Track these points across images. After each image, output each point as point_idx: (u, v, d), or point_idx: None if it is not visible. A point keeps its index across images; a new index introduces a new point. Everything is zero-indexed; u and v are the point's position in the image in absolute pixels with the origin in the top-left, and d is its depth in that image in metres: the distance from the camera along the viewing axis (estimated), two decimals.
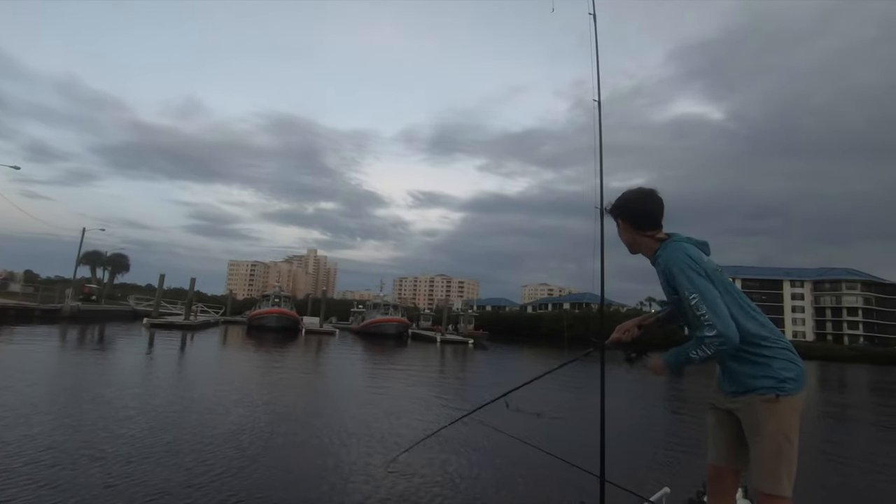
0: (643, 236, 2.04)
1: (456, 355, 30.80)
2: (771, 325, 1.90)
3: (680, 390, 18.54)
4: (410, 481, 5.68)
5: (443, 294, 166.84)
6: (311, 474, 5.64)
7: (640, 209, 2.04)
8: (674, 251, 1.90)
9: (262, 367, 17.38)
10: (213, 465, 5.50)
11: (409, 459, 6.50)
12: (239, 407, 9.08)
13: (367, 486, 5.38)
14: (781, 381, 1.80)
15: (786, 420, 1.79)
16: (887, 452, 9.58)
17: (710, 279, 1.81)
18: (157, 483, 4.81)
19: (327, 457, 6.37)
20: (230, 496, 4.64)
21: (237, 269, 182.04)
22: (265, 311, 47.65)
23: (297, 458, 6.20)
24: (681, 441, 9.26)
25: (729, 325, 1.73)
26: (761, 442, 1.81)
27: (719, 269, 1.93)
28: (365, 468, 6.00)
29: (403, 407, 10.75)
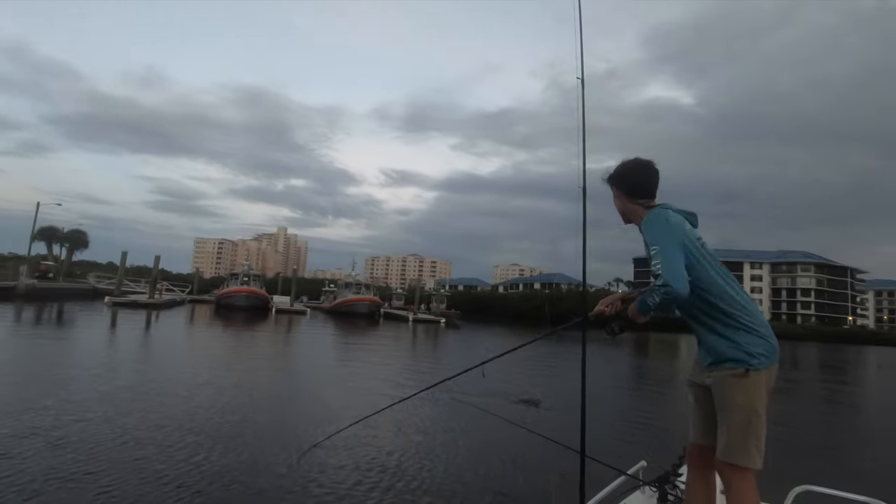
0: (634, 204, 2.08)
1: (428, 334, 31.06)
2: (748, 300, 1.95)
3: (655, 370, 19.29)
4: (388, 460, 5.74)
5: (415, 274, 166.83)
6: (278, 455, 5.68)
7: (632, 178, 2.09)
8: (655, 214, 1.97)
9: (231, 347, 17.19)
10: (175, 453, 5.30)
11: (388, 438, 6.60)
12: (206, 388, 9.00)
13: (339, 462, 5.47)
14: (750, 356, 1.85)
15: (754, 394, 1.83)
16: (816, 419, 10.26)
17: (679, 242, 1.86)
18: (117, 473, 4.57)
19: (298, 438, 6.41)
20: (192, 484, 4.49)
21: (204, 247, 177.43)
22: (234, 289, 46.73)
23: (264, 441, 6.06)
24: (656, 417, 9.62)
25: (677, 275, 1.77)
26: (730, 415, 1.86)
27: (700, 240, 1.99)
28: (335, 447, 6.09)
29: (374, 386, 10.86)
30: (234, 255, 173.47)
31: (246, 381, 10.19)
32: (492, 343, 29.26)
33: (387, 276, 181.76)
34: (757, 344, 1.87)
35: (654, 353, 28.18)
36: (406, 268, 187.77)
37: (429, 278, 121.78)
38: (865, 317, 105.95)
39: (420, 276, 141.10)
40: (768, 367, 1.87)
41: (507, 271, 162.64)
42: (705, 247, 1.98)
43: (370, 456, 5.78)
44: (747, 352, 1.85)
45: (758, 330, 1.89)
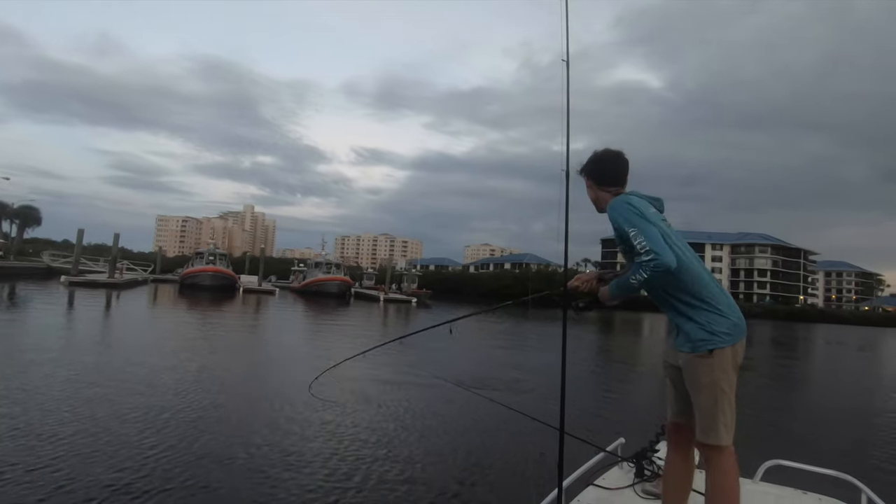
0: (604, 192, 2.16)
1: (399, 314, 31.08)
2: (712, 280, 1.99)
3: (633, 349, 19.83)
4: (368, 437, 5.73)
5: (386, 253, 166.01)
6: (256, 445, 5.59)
7: (601, 167, 2.18)
8: (617, 201, 2.03)
9: (198, 328, 16.76)
10: (137, 441, 5.00)
11: (364, 415, 6.59)
12: (171, 372, 8.76)
13: (314, 445, 5.42)
14: (713, 335, 1.88)
15: (719, 372, 1.87)
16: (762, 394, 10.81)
17: (650, 222, 1.90)
18: (74, 465, 4.28)
19: (274, 429, 6.32)
20: (156, 484, 4.18)
21: (166, 225, 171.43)
22: (199, 269, 45.51)
23: (233, 433, 5.80)
24: (634, 396, 9.91)
25: (664, 248, 1.82)
26: (699, 395, 1.91)
27: (665, 221, 2.04)
28: (311, 423, 6.03)
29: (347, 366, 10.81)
30: (199, 233, 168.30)
31: (212, 363, 9.97)
32: (459, 323, 29.49)
33: (357, 255, 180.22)
34: (720, 322, 1.90)
35: (622, 332, 29.00)
36: (377, 247, 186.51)
37: (400, 258, 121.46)
38: (815, 296, 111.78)
39: (391, 256, 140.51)
40: (733, 345, 1.90)
41: (478, 251, 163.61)
42: (670, 228, 2.01)
43: (349, 435, 5.75)
44: (710, 331, 1.89)
45: (720, 308, 1.92)
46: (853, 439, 7.29)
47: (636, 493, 2.35)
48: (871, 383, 15.08)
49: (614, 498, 2.31)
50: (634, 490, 2.36)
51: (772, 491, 2.40)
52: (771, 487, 2.43)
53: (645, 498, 2.32)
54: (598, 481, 2.39)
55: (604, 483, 2.39)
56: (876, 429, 8.12)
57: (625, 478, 2.44)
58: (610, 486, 2.38)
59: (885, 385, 14.33)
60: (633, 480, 2.40)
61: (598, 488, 2.36)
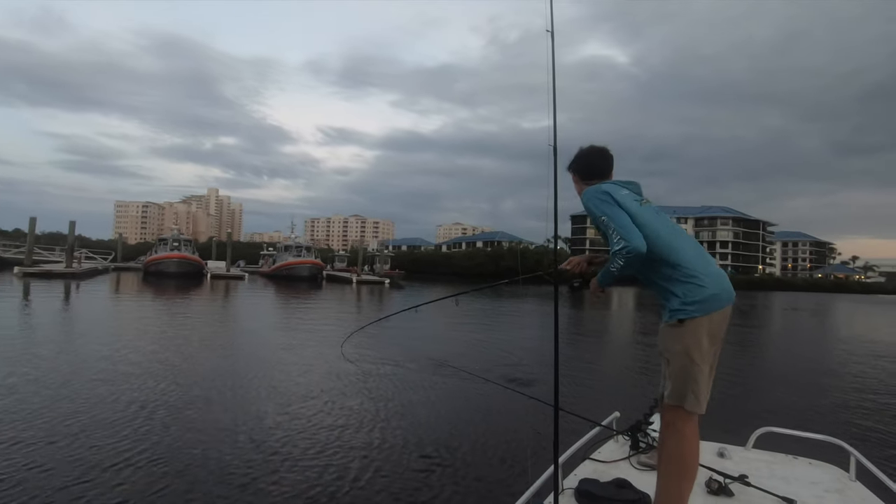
0: (586, 185, 2.22)
1: (373, 295, 30.93)
2: (690, 250, 2.00)
3: (627, 324, 20.23)
4: (364, 417, 5.70)
5: (357, 235, 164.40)
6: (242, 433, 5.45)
7: (586, 162, 2.28)
8: (589, 190, 2.11)
9: (167, 316, 16.25)
10: (101, 442, 4.69)
11: (359, 397, 6.55)
12: (140, 363, 8.46)
13: (309, 423, 5.34)
14: (685, 304, 1.91)
15: (689, 341, 1.90)
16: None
17: (620, 207, 1.98)
18: (26, 473, 3.94)
19: (245, 413, 6.18)
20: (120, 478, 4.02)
21: (126, 211, 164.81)
22: (163, 255, 44.07)
23: (210, 434, 5.61)
24: (630, 370, 10.01)
25: (633, 234, 1.90)
26: (670, 363, 1.96)
27: (644, 202, 2.10)
28: (312, 397, 5.94)
29: (326, 351, 10.68)
30: (162, 219, 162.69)
31: (188, 352, 9.69)
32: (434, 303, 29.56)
33: (328, 237, 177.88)
34: (696, 293, 1.91)
35: (609, 307, 29.67)
36: (348, 229, 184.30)
37: (371, 239, 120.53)
38: (773, 265, 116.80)
39: (362, 237, 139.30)
40: (708, 315, 1.91)
41: (450, 230, 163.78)
42: (646, 206, 2.06)
43: (343, 415, 5.71)
44: (683, 301, 1.91)
45: (698, 279, 1.93)
46: (813, 400, 7.68)
47: (632, 465, 2.38)
48: (827, 345, 15.92)
49: (610, 470, 2.33)
50: (630, 462, 2.39)
51: (763, 457, 2.47)
52: (763, 454, 2.51)
53: (640, 469, 2.36)
54: (595, 455, 2.42)
55: (600, 456, 2.42)
56: (837, 390, 8.56)
57: (620, 451, 2.48)
58: (606, 459, 2.40)
59: (840, 347, 15.12)
60: (628, 453, 2.43)
61: (594, 462, 2.39)
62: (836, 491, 2.18)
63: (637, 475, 2.31)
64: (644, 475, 2.31)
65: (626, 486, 2.15)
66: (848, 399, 7.76)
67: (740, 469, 2.29)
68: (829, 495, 2.15)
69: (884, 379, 9.59)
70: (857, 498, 2.13)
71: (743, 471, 2.27)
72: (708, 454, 2.50)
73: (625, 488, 2.14)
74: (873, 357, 12.48)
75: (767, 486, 2.16)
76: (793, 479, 2.27)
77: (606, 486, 2.15)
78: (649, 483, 2.13)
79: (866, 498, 2.14)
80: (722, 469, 2.27)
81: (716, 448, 2.56)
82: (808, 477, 2.30)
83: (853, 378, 9.56)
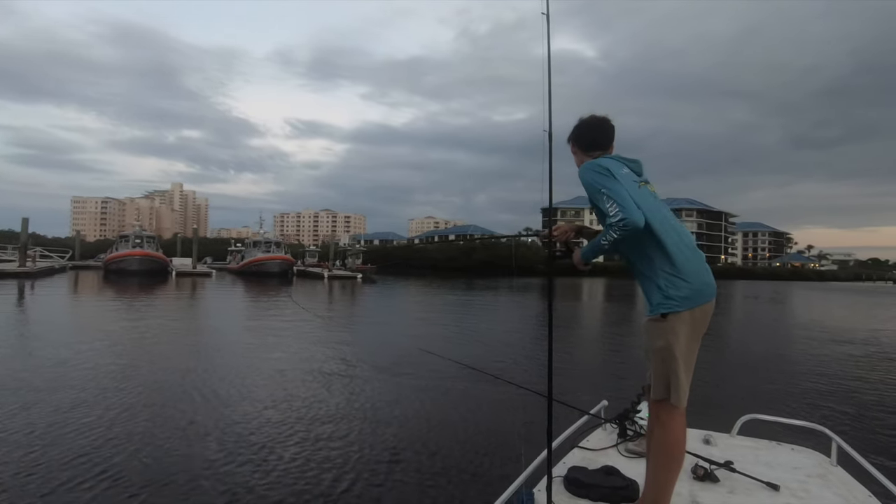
0: (588, 157, 2.13)
1: (345, 290, 30.57)
2: (679, 243, 1.96)
3: (599, 314, 20.45)
4: (360, 408, 5.68)
5: (328, 230, 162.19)
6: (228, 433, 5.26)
7: (584, 132, 2.19)
8: (588, 163, 2.04)
9: (127, 317, 15.63)
10: (58, 455, 4.40)
11: (353, 388, 6.48)
12: (102, 366, 8.10)
13: (305, 420, 5.19)
14: (668, 299, 1.89)
15: (671, 337, 1.89)
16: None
17: (619, 182, 1.91)
18: None
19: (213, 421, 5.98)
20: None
21: (84, 207, 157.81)
22: (125, 253, 42.45)
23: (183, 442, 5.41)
24: (612, 359, 10.17)
25: (632, 208, 1.83)
26: (652, 357, 1.95)
27: (642, 184, 2.03)
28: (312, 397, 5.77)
29: (301, 351, 10.47)
30: (123, 215, 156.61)
31: (149, 354, 9.34)
32: (407, 294, 29.58)
33: (298, 232, 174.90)
34: (679, 286, 1.90)
35: (586, 297, 30.10)
36: (319, 223, 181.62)
37: (343, 234, 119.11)
38: (735, 255, 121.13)
39: (334, 232, 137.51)
40: (691, 310, 1.90)
41: (423, 224, 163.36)
42: (644, 189, 2.00)
43: (328, 415, 5.59)
44: (666, 295, 1.90)
45: (682, 273, 1.91)
46: (781, 385, 7.96)
47: (619, 452, 2.38)
48: (786, 331, 16.60)
49: (599, 458, 2.33)
50: (618, 450, 2.39)
51: (748, 444, 2.51)
52: (747, 440, 2.55)
53: (628, 457, 2.36)
54: (583, 443, 2.43)
55: (588, 444, 2.41)
56: (801, 375, 8.90)
57: (608, 438, 2.47)
58: (594, 447, 2.40)
59: (799, 333, 15.78)
60: (616, 441, 2.43)
61: (583, 450, 2.39)
62: (817, 476, 2.23)
63: (625, 462, 2.32)
64: (632, 462, 2.32)
65: (613, 474, 2.16)
66: (813, 383, 8.08)
67: (726, 455, 2.32)
68: (812, 480, 2.20)
69: (844, 362, 10.04)
70: (838, 482, 2.18)
71: (728, 457, 2.30)
72: (694, 441, 2.53)
73: (613, 475, 2.14)
74: (834, 343, 13.05)
75: (752, 471, 2.19)
76: (776, 465, 2.31)
77: (595, 473, 2.15)
78: (637, 470, 2.14)
79: (847, 482, 2.19)
80: (708, 455, 2.29)
81: (702, 435, 2.59)
82: (791, 462, 2.34)
83: (818, 363, 9.98)
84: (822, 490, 2.11)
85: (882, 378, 8.62)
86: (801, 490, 2.10)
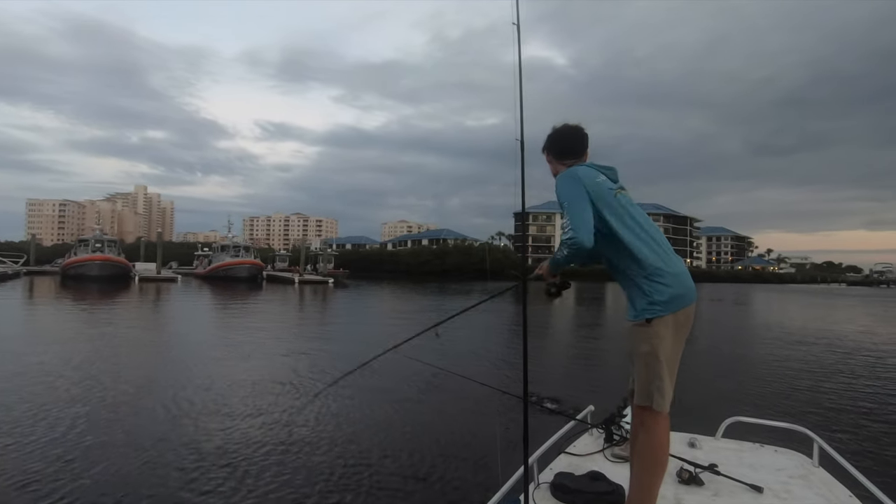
0: (562, 165, 2.16)
1: (316, 295, 30.08)
2: (661, 250, 1.97)
3: (572, 318, 20.56)
4: (334, 414, 5.59)
5: (299, 234, 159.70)
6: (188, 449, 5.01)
7: (557, 141, 2.21)
8: (564, 173, 2.06)
9: (85, 325, 14.94)
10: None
11: (331, 392, 6.37)
12: (41, 384, 7.68)
13: (276, 428, 4.98)
14: (652, 304, 1.89)
15: (656, 340, 1.89)
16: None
17: (584, 195, 1.94)
18: None
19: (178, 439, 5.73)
20: None
21: (40, 210, 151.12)
22: (84, 257, 40.81)
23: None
24: (603, 365, 10.16)
25: (581, 228, 1.87)
26: (636, 362, 1.95)
27: (617, 191, 2.03)
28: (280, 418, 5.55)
29: (268, 359, 10.18)
30: (83, 218, 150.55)
31: (107, 367, 8.92)
32: (380, 299, 29.30)
33: (268, 236, 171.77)
34: (661, 292, 1.90)
35: (576, 301, 30.37)
36: (289, 227, 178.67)
37: (314, 238, 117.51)
38: (700, 258, 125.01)
39: (305, 236, 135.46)
40: (674, 313, 1.90)
41: (395, 228, 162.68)
42: (620, 197, 2.01)
43: (300, 430, 5.38)
44: (651, 301, 1.90)
45: (662, 279, 1.91)
46: (748, 386, 8.18)
47: (606, 457, 2.36)
48: (749, 333, 17.14)
49: (585, 463, 2.31)
50: (604, 455, 2.37)
51: (732, 446, 2.53)
52: (731, 443, 2.57)
53: (614, 462, 2.33)
54: (570, 448, 2.40)
55: (575, 450, 2.39)
56: (770, 376, 9.16)
57: (595, 444, 2.45)
58: (580, 452, 2.38)
59: (764, 334, 16.31)
60: (602, 446, 2.41)
61: (569, 455, 2.37)
62: (800, 477, 2.25)
63: (611, 467, 2.30)
64: (618, 467, 2.30)
65: (599, 479, 2.15)
66: (778, 383, 8.32)
67: (710, 458, 2.32)
68: (794, 481, 2.21)
69: (808, 361, 10.39)
70: (820, 483, 2.20)
71: (713, 460, 2.30)
72: (679, 444, 2.52)
73: (599, 480, 2.13)
74: (799, 344, 13.52)
75: (736, 474, 2.19)
76: (759, 467, 2.32)
77: (581, 479, 2.14)
78: (623, 475, 2.12)
79: (828, 482, 2.21)
80: (693, 459, 2.29)
81: (687, 438, 2.59)
82: (774, 464, 2.36)
83: (780, 363, 10.30)
84: (804, 491, 2.12)
85: (850, 378, 8.93)
86: (784, 491, 2.11)
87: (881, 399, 7.19)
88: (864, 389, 7.84)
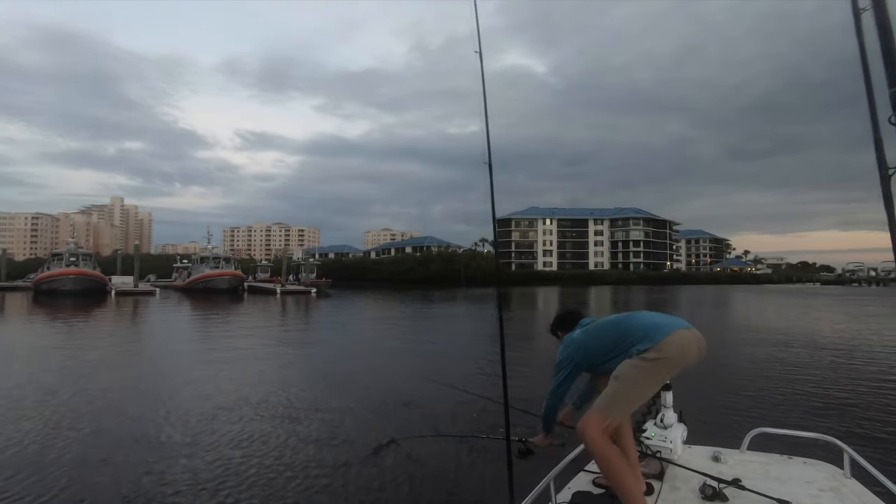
0: (562, 334, 2.54)
1: (299, 305, 29.60)
2: (627, 327, 2.19)
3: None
4: (321, 419, 5.46)
5: (281, 244, 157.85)
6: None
7: (561, 322, 2.58)
8: (568, 339, 2.39)
9: (57, 343, 14.35)
10: None
11: (309, 397, 6.37)
12: (4, 406, 7.29)
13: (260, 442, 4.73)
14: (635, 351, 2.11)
15: (648, 375, 2.07)
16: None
17: (573, 362, 2.28)
18: None
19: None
20: None
21: (11, 224, 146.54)
22: (58, 272, 39.61)
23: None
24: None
25: (554, 392, 2.30)
26: (617, 383, 2.08)
27: (594, 321, 2.40)
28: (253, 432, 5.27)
29: (248, 374, 9.85)
30: (56, 232, 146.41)
31: (81, 391, 8.51)
32: (363, 307, 28.93)
33: (249, 247, 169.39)
34: (643, 342, 2.10)
35: (550, 304, 30.35)
36: (271, 237, 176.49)
37: (296, 247, 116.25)
38: (679, 261, 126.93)
39: (287, 246, 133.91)
40: (651, 349, 2.05)
41: (379, 236, 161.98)
42: (597, 321, 2.37)
43: (281, 457, 5.12)
44: (636, 352, 2.10)
45: (644, 343, 2.09)
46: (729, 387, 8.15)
47: None
48: (735, 336, 17.28)
49: (605, 481, 2.16)
50: None
51: (758, 459, 2.41)
52: (758, 455, 2.45)
53: None
54: (590, 466, 2.30)
55: (594, 468, 2.26)
56: (758, 380, 9.17)
57: None
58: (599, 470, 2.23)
59: (750, 337, 16.46)
60: None
61: (588, 473, 2.29)
62: (830, 489, 2.13)
63: None
64: None
65: (616, 497, 2.03)
66: (758, 389, 8.32)
67: (735, 472, 2.20)
68: (825, 494, 2.09)
69: (794, 364, 10.43)
70: (852, 495, 2.08)
71: (737, 474, 2.18)
72: (702, 458, 2.42)
73: (616, 498, 2.03)
74: (783, 345, 13.64)
75: (762, 488, 2.07)
76: (787, 480, 2.20)
77: (600, 497, 2.11)
78: None
79: (861, 494, 2.10)
80: (717, 473, 2.17)
81: (710, 452, 2.47)
82: (803, 476, 2.24)
83: (763, 365, 10.33)
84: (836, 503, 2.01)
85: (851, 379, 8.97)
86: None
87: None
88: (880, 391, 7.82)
